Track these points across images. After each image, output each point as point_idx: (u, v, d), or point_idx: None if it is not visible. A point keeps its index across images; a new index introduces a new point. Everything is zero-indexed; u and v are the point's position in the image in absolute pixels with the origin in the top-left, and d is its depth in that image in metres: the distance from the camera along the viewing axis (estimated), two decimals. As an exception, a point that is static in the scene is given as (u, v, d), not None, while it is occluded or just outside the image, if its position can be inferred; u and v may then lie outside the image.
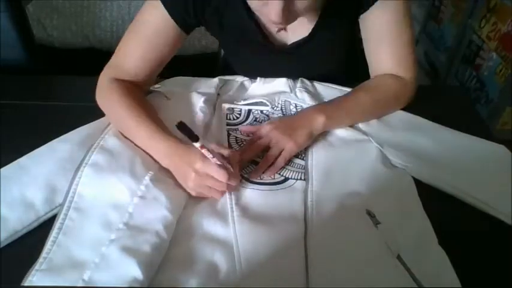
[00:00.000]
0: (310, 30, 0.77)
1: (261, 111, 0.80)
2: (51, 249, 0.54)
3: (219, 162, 0.59)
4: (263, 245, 0.55)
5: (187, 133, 0.55)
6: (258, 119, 0.78)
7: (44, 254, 0.53)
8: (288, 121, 0.71)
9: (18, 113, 0.79)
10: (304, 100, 0.81)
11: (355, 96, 0.77)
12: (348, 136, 0.74)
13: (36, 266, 0.52)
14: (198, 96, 0.79)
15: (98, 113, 0.75)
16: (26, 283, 0.50)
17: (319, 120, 0.71)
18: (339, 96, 0.77)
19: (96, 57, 1.70)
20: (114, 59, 0.77)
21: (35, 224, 0.58)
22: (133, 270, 0.50)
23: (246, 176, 0.66)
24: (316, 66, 0.86)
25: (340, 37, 0.82)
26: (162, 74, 0.86)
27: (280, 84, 0.85)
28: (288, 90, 0.84)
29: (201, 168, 0.59)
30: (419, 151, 0.72)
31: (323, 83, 0.86)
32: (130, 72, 0.75)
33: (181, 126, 0.55)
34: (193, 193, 0.61)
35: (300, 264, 0.53)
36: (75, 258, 0.53)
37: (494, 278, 0.55)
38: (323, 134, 0.74)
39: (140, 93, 0.76)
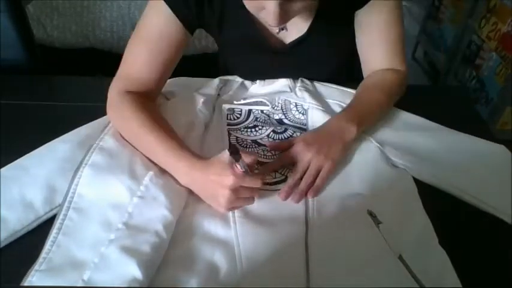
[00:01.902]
0: (306, 29, 0.78)
1: (262, 111, 0.80)
2: (50, 250, 0.54)
3: (244, 168, 0.57)
4: (264, 245, 0.55)
5: (235, 156, 0.55)
6: (258, 119, 0.78)
7: (43, 254, 0.53)
8: (320, 137, 0.69)
9: (18, 113, 0.79)
10: (304, 99, 0.81)
11: (372, 96, 0.76)
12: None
13: (36, 266, 0.52)
14: (198, 97, 0.79)
15: (98, 113, 0.75)
16: (25, 283, 0.50)
17: (352, 131, 0.69)
18: (356, 99, 0.77)
19: (96, 57, 1.72)
20: (121, 70, 0.74)
21: (35, 224, 0.58)
22: (133, 270, 0.50)
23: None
24: (315, 66, 0.86)
25: (338, 35, 0.82)
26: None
27: (281, 85, 0.85)
28: (288, 89, 0.84)
29: (236, 184, 0.56)
30: (419, 151, 0.72)
31: (323, 83, 0.86)
32: (139, 80, 0.72)
33: (234, 150, 0.55)
34: (224, 210, 0.59)
35: (300, 264, 0.53)
36: (74, 258, 0.53)
37: (495, 278, 0.55)
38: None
39: (153, 106, 0.73)
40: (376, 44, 0.79)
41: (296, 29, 0.78)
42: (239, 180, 0.56)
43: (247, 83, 0.87)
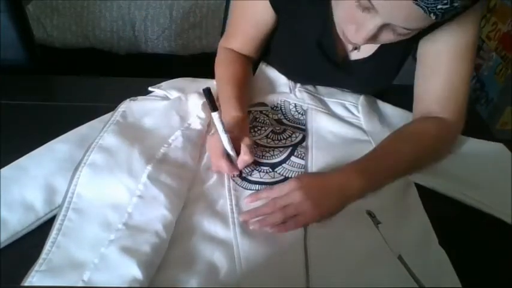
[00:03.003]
0: (374, 50, 0.74)
1: (261, 112, 0.80)
2: (50, 250, 0.54)
3: (225, 135, 0.62)
4: (263, 246, 0.55)
5: (209, 101, 0.59)
6: (257, 119, 0.78)
7: (43, 254, 0.53)
8: (319, 182, 0.61)
9: (18, 113, 0.79)
10: (303, 100, 0.81)
11: (395, 150, 0.66)
12: (348, 136, 0.74)
13: (36, 266, 0.52)
14: (198, 97, 0.79)
15: (97, 113, 0.75)
16: (25, 284, 0.50)
17: (356, 184, 0.60)
18: (376, 150, 0.67)
19: (96, 57, 1.72)
20: (227, 30, 0.86)
21: (35, 225, 0.58)
22: (133, 270, 0.50)
23: (247, 177, 0.66)
24: (367, 86, 0.84)
25: (399, 59, 0.77)
26: (163, 75, 0.86)
27: (280, 79, 0.84)
28: (287, 90, 0.84)
29: (211, 139, 0.66)
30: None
31: (323, 83, 0.86)
32: (236, 45, 0.83)
33: (207, 93, 0.59)
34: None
35: (300, 265, 0.53)
36: (74, 258, 0.53)
37: (495, 278, 0.55)
38: (323, 134, 0.74)
39: (242, 63, 0.82)
40: (434, 82, 0.70)
41: (365, 48, 0.75)
42: (217, 162, 0.64)
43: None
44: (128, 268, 0.50)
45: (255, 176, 0.66)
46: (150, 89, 0.82)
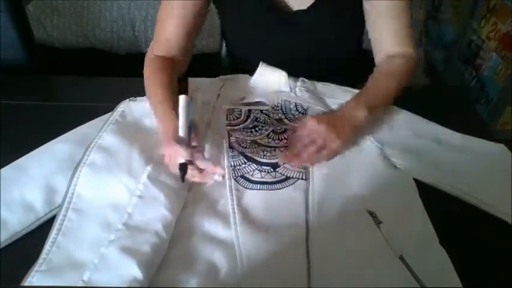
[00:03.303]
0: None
1: (261, 111, 0.80)
2: (50, 250, 0.54)
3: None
4: (265, 245, 0.55)
5: (181, 88, 0.59)
6: (258, 119, 0.78)
7: (43, 255, 0.53)
8: (332, 117, 0.72)
9: (18, 113, 0.79)
10: (304, 99, 0.81)
11: (382, 84, 0.79)
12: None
13: (36, 267, 0.52)
14: (198, 97, 0.79)
15: (97, 113, 0.75)
16: (25, 284, 0.50)
17: (362, 115, 0.71)
18: (366, 87, 0.78)
19: (96, 57, 1.72)
20: (154, 34, 0.83)
21: (35, 225, 0.58)
22: (133, 271, 0.50)
23: (247, 176, 0.66)
24: (320, 37, 0.87)
25: (346, 7, 0.84)
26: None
27: (280, 78, 0.84)
28: (287, 89, 0.84)
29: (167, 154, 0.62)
30: (419, 151, 0.72)
31: (323, 83, 0.86)
32: (165, 45, 0.81)
33: (181, 84, 0.59)
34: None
35: (301, 265, 0.53)
36: (74, 259, 0.53)
37: (495, 277, 0.55)
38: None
39: (171, 71, 0.79)
40: (384, 26, 0.82)
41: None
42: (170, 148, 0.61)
43: (247, 82, 0.86)
44: (128, 268, 0.50)
45: (257, 176, 0.66)
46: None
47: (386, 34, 0.83)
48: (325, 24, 0.85)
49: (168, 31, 0.80)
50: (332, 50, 0.90)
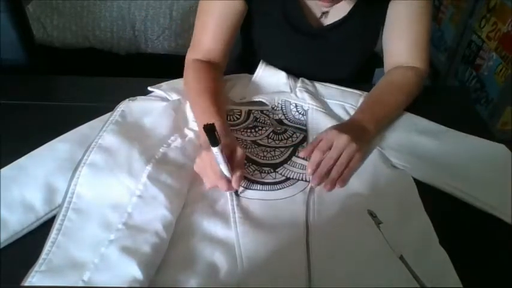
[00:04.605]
0: (346, 13, 0.81)
1: (261, 112, 0.80)
2: (50, 250, 0.54)
3: (224, 169, 0.59)
4: (265, 245, 0.55)
5: (210, 137, 0.56)
6: (258, 119, 0.78)
7: (43, 255, 0.53)
8: (351, 129, 0.70)
9: (18, 113, 0.79)
10: (304, 100, 0.81)
11: (391, 97, 0.79)
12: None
13: (36, 267, 0.52)
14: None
15: (97, 113, 0.75)
16: (25, 284, 0.50)
17: (370, 131, 0.71)
18: (376, 99, 0.78)
19: (96, 57, 1.72)
20: (192, 40, 0.83)
21: (35, 225, 0.58)
22: (133, 271, 0.50)
23: (247, 176, 0.66)
24: (348, 51, 0.88)
25: (373, 23, 0.85)
26: (163, 75, 0.86)
27: (280, 79, 0.84)
28: (288, 90, 0.84)
29: (207, 157, 0.61)
30: (419, 151, 0.72)
31: (323, 83, 0.86)
32: (204, 50, 0.81)
33: (209, 129, 0.56)
34: (195, 168, 0.64)
35: (301, 264, 0.53)
36: (74, 259, 0.53)
37: (495, 277, 0.55)
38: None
39: (214, 71, 0.80)
40: (401, 36, 0.82)
41: (335, 13, 0.81)
42: (215, 181, 0.60)
43: (247, 82, 0.86)
44: (128, 268, 0.50)
45: (257, 176, 0.66)
46: (149, 88, 0.82)
47: (403, 44, 0.83)
48: (353, 39, 0.85)
49: (208, 38, 0.80)
50: (355, 59, 0.91)
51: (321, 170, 0.65)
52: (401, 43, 0.83)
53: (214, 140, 0.56)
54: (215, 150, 0.57)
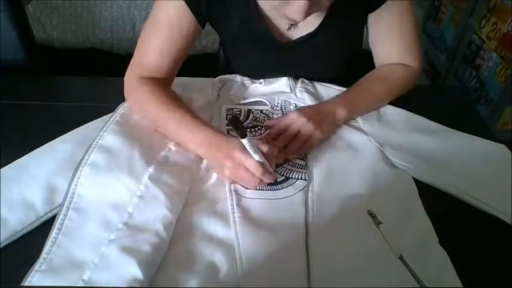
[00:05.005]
0: (316, 26, 0.79)
1: (261, 111, 0.80)
2: (50, 250, 0.54)
3: (259, 159, 0.60)
4: (264, 245, 0.55)
5: (238, 129, 0.55)
6: (258, 119, 0.78)
7: (43, 254, 0.53)
8: (314, 111, 0.73)
9: (18, 113, 0.79)
10: (304, 100, 0.81)
11: (370, 86, 0.80)
12: (348, 136, 0.74)
13: (36, 266, 0.52)
14: (198, 97, 0.79)
15: (98, 113, 0.75)
16: (25, 283, 0.50)
17: (342, 113, 0.74)
18: (354, 86, 0.80)
19: (96, 57, 1.72)
20: (135, 57, 0.77)
21: (35, 225, 0.58)
22: (133, 270, 0.50)
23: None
24: (320, 63, 0.87)
25: (346, 35, 0.84)
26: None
27: (281, 85, 0.85)
28: (288, 90, 0.84)
29: (238, 158, 0.60)
30: (419, 151, 0.71)
31: (323, 83, 0.86)
32: (152, 67, 0.75)
33: (234, 121, 0.56)
34: (228, 181, 0.63)
35: (301, 265, 0.53)
36: (74, 258, 0.53)
37: (495, 277, 0.55)
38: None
39: (168, 88, 0.77)
40: (387, 39, 0.82)
41: (304, 26, 0.79)
42: (242, 156, 0.59)
43: (247, 82, 0.86)
44: (128, 268, 0.50)
45: (256, 176, 0.66)
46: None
47: (393, 49, 0.82)
48: (326, 50, 0.84)
49: (153, 55, 0.75)
50: (334, 67, 0.89)
51: (274, 144, 0.66)
52: (391, 48, 0.83)
53: (242, 131, 0.55)
54: (245, 141, 0.57)
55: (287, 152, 0.69)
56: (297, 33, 0.81)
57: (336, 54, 0.87)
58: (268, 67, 0.86)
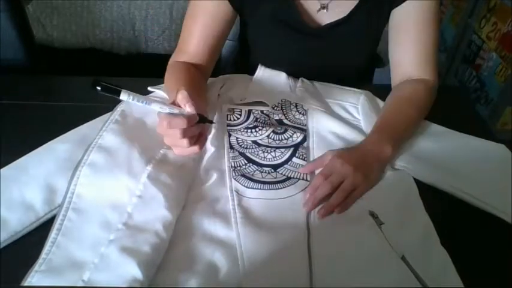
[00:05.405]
0: (347, 13, 0.80)
1: (261, 111, 0.80)
2: (50, 250, 0.54)
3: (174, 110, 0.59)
4: (266, 246, 0.55)
5: (108, 91, 0.52)
6: (258, 119, 0.78)
7: (43, 254, 0.53)
8: (357, 154, 0.66)
9: (18, 113, 0.79)
10: (304, 100, 0.81)
11: (404, 113, 0.74)
12: (348, 137, 0.74)
13: (36, 267, 0.52)
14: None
15: (97, 113, 0.75)
16: (25, 284, 0.50)
17: (387, 151, 0.67)
18: (389, 115, 0.74)
19: (96, 57, 1.72)
20: (178, 44, 0.82)
21: (35, 225, 0.58)
22: (133, 270, 0.50)
23: (248, 176, 0.66)
24: (345, 53, 0.87)
25: (374, 26, 0.83)
26: (163, 75, 0.86)
27: (281, 79, 0.84)
28: (288, 90, 0.84)
29: (162, 126, 0.59)
30: (419, 152, 0.72)
31: (323, 83, 0.86)
32: (191, 53, 0.80)
33: (98, 85, 0.51)
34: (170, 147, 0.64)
35: (303, 265, 0.53)
36: (74, 258, 0.53)
37: (495, 277, 0.55)
38: (323, 135, 0.74)
39: (196, 71, 0.79)
40: (409, 47, 0.79)
41: (336, 11, 0.79)
42: (161, 121, 0.58)
43: (247, 82, 0.86)
44: (128, 268, 0.50)
45: (257, 176, 0.66)
46: (149, 89, 0.82)
47: (411, 55, 0.79)
48: (354, 40, 0.84)
49: (193, 42, 0.79)
50: (357, 60, 0.90)
51: (315, 196, 0.61)
52: (409, 54, 0.80)
53: (114, 90, 0.52)
54: (125, 96, 0.54)
55: (328, 204, 0.60)
56: (327, 18, 0.81)
57: (361, 44, 0.87)
58: (293, 53, 0.87)
